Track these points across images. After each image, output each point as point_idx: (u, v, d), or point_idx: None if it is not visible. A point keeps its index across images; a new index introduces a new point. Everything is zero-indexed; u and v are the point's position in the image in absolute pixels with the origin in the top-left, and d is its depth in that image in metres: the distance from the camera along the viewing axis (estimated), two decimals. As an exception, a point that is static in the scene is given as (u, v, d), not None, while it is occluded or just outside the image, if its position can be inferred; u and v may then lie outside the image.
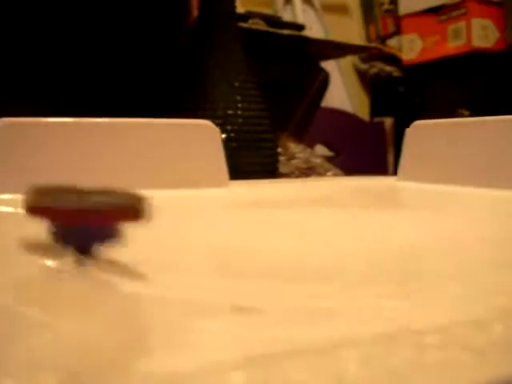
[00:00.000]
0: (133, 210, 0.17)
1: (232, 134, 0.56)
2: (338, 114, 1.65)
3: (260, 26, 0.80)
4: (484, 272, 0.20)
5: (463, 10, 1.59)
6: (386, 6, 1.91)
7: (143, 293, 0.17)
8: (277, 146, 0.62)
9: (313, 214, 0.33)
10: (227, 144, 0.51)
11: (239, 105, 0.57)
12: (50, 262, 0.20)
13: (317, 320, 0.15)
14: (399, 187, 0.46)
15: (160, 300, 0.17)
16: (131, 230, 0.19)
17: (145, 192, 0.18)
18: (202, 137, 0.43)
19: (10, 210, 0.33)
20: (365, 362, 0.11)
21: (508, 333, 0.13)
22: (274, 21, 0.87)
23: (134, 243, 0.24)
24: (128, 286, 0.18)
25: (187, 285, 0.18)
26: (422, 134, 0.45)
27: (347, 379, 0.11)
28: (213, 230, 0.28)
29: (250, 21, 0.79)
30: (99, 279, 0.19)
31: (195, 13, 0.62)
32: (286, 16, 1.67)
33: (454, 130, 0.43)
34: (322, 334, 0.13)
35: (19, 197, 0.20)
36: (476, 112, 0.48)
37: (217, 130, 0.43)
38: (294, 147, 0.71)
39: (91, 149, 0.39)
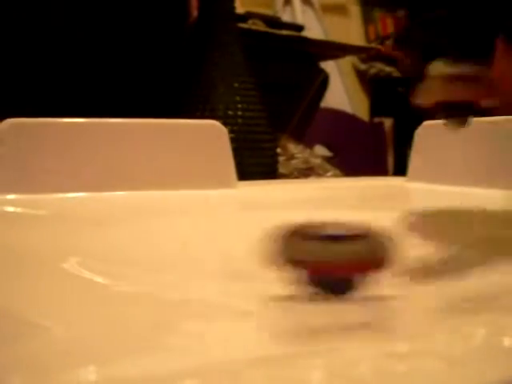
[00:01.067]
0: (375, 262, 0.17)
1: (232, 135, 0.55)
2: (337, 115, 1.64)
3: (259, 26, 0.80)
4: (471, 274, 0.20)
5: (462, 11, 1.58)
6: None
7: (140, 292, 0.17)
8: (276, 147, 0.62)
9: (321, 215, 0.33)
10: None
11: (239, 105, 0.57)
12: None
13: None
14: (410, 188, 0.46)
15: (155, 300, 0.17)
16: (136, 229, 0.19)
17: (153, 193, 0.18)
18: (210, 137, 0.42)
19: (18, 210, 0.33)
20: (329, 371, 0.11)
21: (487, 342, 0.13)
22: (273, 21, 0.87)
23: (140, 243, 0.24)
24: (127, 286, 0.18)
25: (187, 286, 0.18)
26: (432, 135, 0.45)
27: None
28: (218, 231, 0.28)
29: (250, 21, 0.79)
30: (91, 280, 0.19)
31: (195, 13, 0.62)
32: (286, 17, 1.67)
33: (463, 130, 0.43)
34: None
35: (26, 197, 0.19)
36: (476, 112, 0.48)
37: (224, 130, 0.43)
38: (293, 147, 0.71)
39: (97, 149, 0.39)
